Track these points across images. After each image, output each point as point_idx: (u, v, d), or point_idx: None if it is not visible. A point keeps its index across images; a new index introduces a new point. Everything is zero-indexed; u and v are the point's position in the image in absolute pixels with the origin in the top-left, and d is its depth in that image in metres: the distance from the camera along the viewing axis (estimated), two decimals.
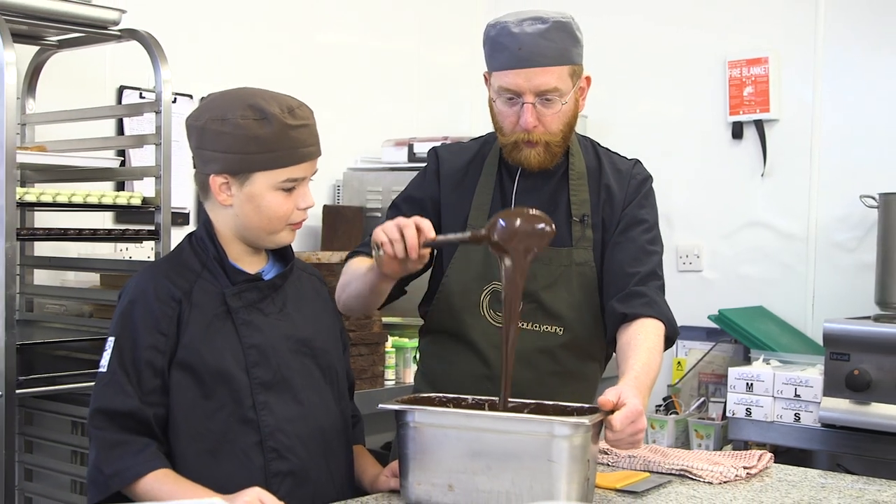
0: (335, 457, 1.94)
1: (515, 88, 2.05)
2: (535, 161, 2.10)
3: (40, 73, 3.12)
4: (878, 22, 3.74)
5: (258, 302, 1.88)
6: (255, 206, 1.84)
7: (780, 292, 3.91)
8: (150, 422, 1.79)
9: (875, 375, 3.08)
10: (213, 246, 1.88)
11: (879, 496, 1.96)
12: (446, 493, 1.79)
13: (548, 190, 2.17)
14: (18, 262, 2.83)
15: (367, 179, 3.97)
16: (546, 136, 2.08)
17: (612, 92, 4.29)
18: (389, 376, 3.47)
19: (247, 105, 1.82)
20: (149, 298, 1.82)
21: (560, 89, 2.05)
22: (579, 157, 2.20)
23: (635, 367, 1.96)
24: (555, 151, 2.11)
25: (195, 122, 1.86)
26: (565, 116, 2.09)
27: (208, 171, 1.84)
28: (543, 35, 2.03)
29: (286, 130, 1.82)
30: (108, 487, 1.76)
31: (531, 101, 2.05)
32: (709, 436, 3.59)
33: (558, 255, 2.13)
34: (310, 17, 4.02)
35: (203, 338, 1.81)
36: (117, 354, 1.80)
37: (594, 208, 2.17)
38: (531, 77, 2.03)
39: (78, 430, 3.00)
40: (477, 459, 1.76)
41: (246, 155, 1.81)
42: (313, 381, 1.92)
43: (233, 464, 1.81)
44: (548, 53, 2.03)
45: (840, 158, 3.80)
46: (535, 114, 2.06)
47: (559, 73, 2.05)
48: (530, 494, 1.73)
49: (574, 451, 1.72)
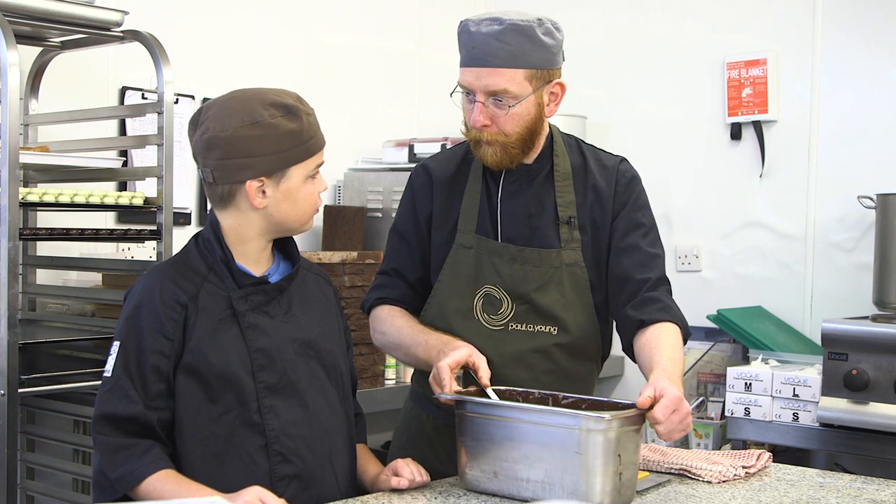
0: (340, 458, 1.94)
1: (468, 86, 2.09)
2: (491, 160, 2.12)
3: (43, 73, 3.13)
4: (875, 24, 3.75)
5: (264, 305, 1.88)
6: (293, 201, 1.87)
7: (779, 292, 3.92)
8: (154, 426, 1.79)
9: (873, 375, 3.09)
10: (220, 248, 1.88)
11: (877, 495, 1.98)
12: (492, 480, 1.89)
13: (532, 192, 2.17)
14: (21, 262, 2.84)
15: (368, 180, 3.98)
16: (500, 137, 2.08)
17: (611, 93, 4.30)
18: (390, 376, 3.48)
19: (268, 104, 1.83)
20: (155, 303, 1.81)
21: (511, 91, 2.05)
22: (564, 157, 2.20)
23: (662, 361, 1.99)
24: (512, 153, 2.11)
25: (220, 132, 1.81)
26: (521, 119, 2.08)
27: (242, 178, 1.83)
28: (496, 36, 2.04)
29: (308, 119, 1.87)
30: (114, 491, 1.77)
31: (482, 99, 2.07)
32: (708, 435, 3.60)
33: (548, 257, 2.14)
34: (311, 18, 4.03)
35: (209, 341, 1.82)
36: (122, 359, 1.80)
37: (581, 209, 2.17)
38: (481, 76, 2.06)
39: (80, 429, 3.01)
40: (516, 449, 1.85)
41: (282, 152, 1.83)
42: (318, 383, 1.92)
43: (238, 468, 1.81)
44: (499, 55, 2.04)
45: (838, 159, 3.81)
46: (486, 113, 2.07)
47: (511, 76, 2.04)
48: (561, 485, 1.80)
49: (600, 444, 1.77)
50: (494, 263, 2.13)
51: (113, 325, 2.88)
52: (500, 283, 2.13)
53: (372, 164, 4.07)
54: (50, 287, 3.17)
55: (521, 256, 2.13)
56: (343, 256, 3.33)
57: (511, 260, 2.13)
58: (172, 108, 2.84)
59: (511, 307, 2.13)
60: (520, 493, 1.85)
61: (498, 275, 2.13)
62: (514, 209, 2.17)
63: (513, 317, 2.13)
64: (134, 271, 2.98)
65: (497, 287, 2.13)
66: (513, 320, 2.13)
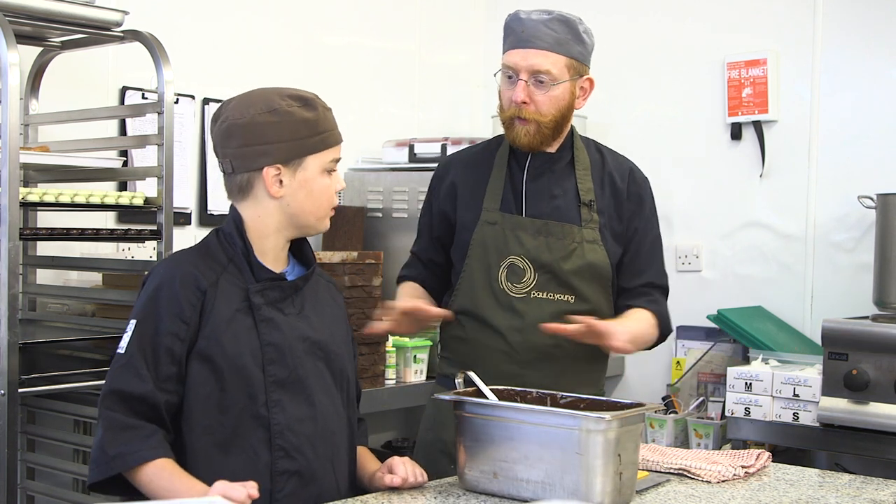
0: (341, 460, 1.95)
1: (513, 65, 2.28)
2: (524, 139, 2.30)
3: (43, 73, 3.13)
4: (876, 24, 3.75)
5: (279, 301, 1.90)
6: (308, 192, 1.90)
7: (779, 292, 3.92)
8: (161, 408, 1.81)
9: (873, 375, 3.09)
10: (242, 241, 1.90)
11: (877, 495, 1.98)
12: (491, 481, 1.90)
13: (556, 176, 2.37)
14: (21, 262, 2.84)
15: (368, 180, 3.98)
16: (536, 116, 2.28)
17: (612, 93, 4.30)
18: (390, 375, 3.48)
19: (286, 94, 1.89)
20: (175, 285, 1.84)
21: (552, 73, 2.26)
22: (583, 152, 2.40)
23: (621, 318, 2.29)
24: (545, 133, 2.30)
25: (238, 119, 1.87)
26: (557, 102, 2.29)
27: (259, 164, 1.87)
28: (545, 23, 2.26)
29: (325, 113, 1.92)
30: (109, 468, 1.78)
31: (525, 78, 2.26)
32: (708, 435, 3.60)
33: (570, 232, 2.32)
34: (311, 18, 4.03)
35: (224, 330, 1.84)
36: (137, 337, 1.82)
37: (599, 198, 2.37)
38: (527, 56, 2.26)
39: (80, 429, 3.01)
40: (516, 449, 1.86)
41: (298, 140, 1.87)
42: (325, 384, 1.94)
43: (241, 459, 1.83)
44: (545, 38, 2.26)
45: (838, 159, 3.81)
46: (527, 91, 2.27)
47: (554, 59, 2.26)
48: (562, 485, 1.81)
49: (601, 445, 1.78)
50: (519, 237, 2.31)
51: (113, 325, 2.90)
52: (525, 254, 2.30)
53: (372, 164, 4.07)
54: (50, 287, 3.17)
55: (546, 230, 2.31)
56: (343, 256, 3.33)
57: (536, 233, 2.31)
58: (172, 108, 2.84)
59: (534, 276, 2.30)
60: (519, 493, 1.86)
61: (522, 246, 2.31)
62: (539, 189, 2.35)
63: (535, 285, 2.29)
64: (134, 271, 2.98)
65: (521, 257, 2.30)
66: (535, 288, 2.30)
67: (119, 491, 1.82)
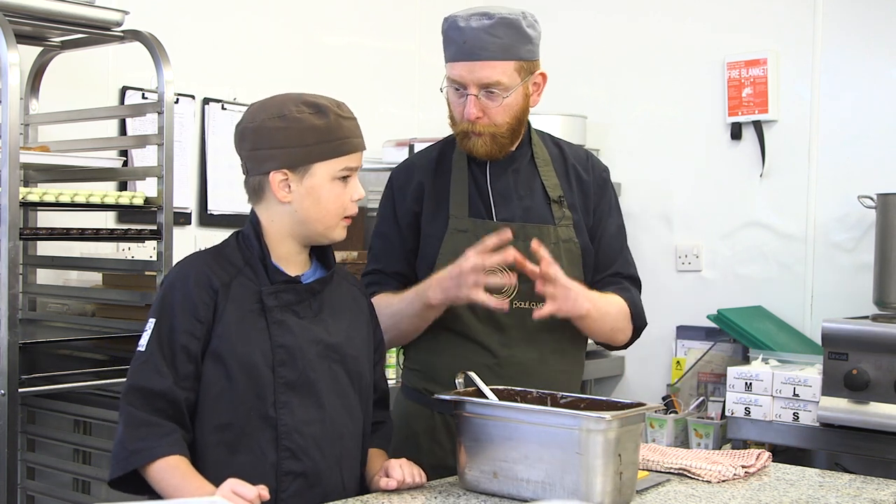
0: (350, 463, 1.95)
1: (460, 80, 2.14)
2: (481, 150, 2.18)
3: (43, 73, 3.13)
4: (875, 23, 3.75)
5: (294, 304, 1.90)
6: (315, 199, 1.89)
7: (779, 292, 3.93)
8: (181, 404, 1.82)
9: (873, 375, 3.09)
10: (259, 245, 1.91)
11: (877, 495, 1.98)
12: (491, 481, 1.89)
13: (519, 175, 2.26)
14: (21, 262, 2.84)
15: (369, 179, 3.98)
16: (490, 128, 2.16)
17: (612, 93, 4.30)
18: (390, 376, 3.48)
19: (300, 101, 1.89)
20: (188, 285, 1.86)
21: (503, 83, 2.12)
22: (541, 147, 2.29)
23: None
24: (501, 142, 2.18)
25: (250, 123, 1.89)
26: (511, 109, 2.16)
27: (267, 168, 1.87)
28: (487, 30, 2.10)
29: (340, 121, 1.90)
30: (128, 463, 1.79)
31: (474, 92, 2.13)
32: (708, 435, 3.60)
33: (547, 233, 2.20)
34: (311, 18, 4.03)
35: (235, 330, 1.85)
36: (156, 336, 1.84)
37: (566, 192, 2.26)
38: (474, 70, 2.12)
39: (80, 429, 3.01)
40: (516, 449, 1.85)
41: (305, 147, 1.87)
42: (339, 386, 1.94)
43: (248, 458, 1.84)
44: (490, 48, 2.10)
45: (838, 159, 3.81)
46: (479, 105, 2.13)
47: (503, 68, 2.12)
48: (562, 485, 1.81)
49: (601, 444, 1.78)
50: None
51: (113, 325, 2.91)
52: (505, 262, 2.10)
53: (372, 164, 4.06)
54: (50, 287, 3.17)
55: (523, 233, 2.17)
56: (343, 256, 3.33)
57: (514, 238, 2.10)
58: (172, 107, 2.84)
59: (514, 286, 2.14)
60: (520, 493, 1.85)
61: (500, 253, 2.10)
62: (504, 191, 2.23)
63: (517, 295, 2.16)
64: (134, 271, 2.98)
65: (501, 267, 2.09)
66: (517, 298, 2.16)
67: (139, 490, 1.83)
